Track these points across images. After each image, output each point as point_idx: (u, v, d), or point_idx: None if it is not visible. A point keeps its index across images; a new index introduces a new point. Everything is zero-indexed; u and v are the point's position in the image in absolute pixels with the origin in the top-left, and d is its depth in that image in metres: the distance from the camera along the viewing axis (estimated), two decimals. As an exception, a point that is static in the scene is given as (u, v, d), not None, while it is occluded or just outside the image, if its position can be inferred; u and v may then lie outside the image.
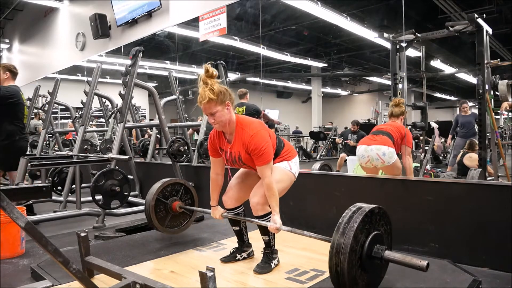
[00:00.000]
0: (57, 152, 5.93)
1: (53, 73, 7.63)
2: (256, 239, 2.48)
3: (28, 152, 6.79)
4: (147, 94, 7.27)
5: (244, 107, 4.93)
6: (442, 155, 8.29)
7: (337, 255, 1.62)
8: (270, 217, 2.17)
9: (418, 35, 4.69)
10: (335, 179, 3.39)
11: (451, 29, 4.38)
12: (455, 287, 1.99)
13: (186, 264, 2.40)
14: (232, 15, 4.30)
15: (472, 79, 10.01)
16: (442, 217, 2.54)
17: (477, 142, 5.24)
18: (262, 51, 8.49)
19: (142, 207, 3.96)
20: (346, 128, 7.76)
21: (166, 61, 8.24)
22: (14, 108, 3.59)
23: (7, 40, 9.71)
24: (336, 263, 1.62)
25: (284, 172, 2.23)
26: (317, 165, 4.83)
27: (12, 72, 3.71)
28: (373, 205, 1.78)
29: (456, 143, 6.17)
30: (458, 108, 6.46)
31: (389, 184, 2.94)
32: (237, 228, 2.41)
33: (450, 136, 6.43)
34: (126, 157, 3.83)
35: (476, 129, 5.98)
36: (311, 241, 2.84)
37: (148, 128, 7.59)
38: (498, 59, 4.26)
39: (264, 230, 2.23)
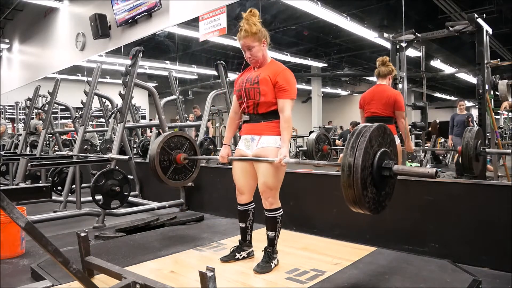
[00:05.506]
0: (57, 152, 5.93)
1: (53, 73, 7.64)
2: (256, 240, 2.49)
3: (28, 152, 6.84)
4: (147, 94, 7.27)
5: None
6: (442, 155, 8.29)
7: (352, 151, 1.61)
8: (279, 212, 2.24)
9: (418, 35, 4.70)
10: (335, 179, 3.38)
11: (451, 29, 4.38)
12: (455, 287, 1.99)
13: (186, 264, 2.41)
14: (232, 15, 4.30)
15: (472, 79, 9.98)
16: (442, 217, 2.54)
17: None
18: (262, 51, 8.47)
19: (142, 207, 3.98)
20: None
21: (166, 61, 8.24)
22: None
23: (7, 40, 9.72)
24: (350, 162, 1.60)
25: (278, 167, 2.19)
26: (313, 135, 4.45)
27: None
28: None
29: (453, 142, 6.21)
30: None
31: (389, 184, 2.94)
32: (244, 225, 2.41)
33: (450, 137, 6.43)
34: (126, 157, 3.84)
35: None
36: (311, 241, 2.86)
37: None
38: (498, 59, 4.27)
39: (271, 226, 2.24)
